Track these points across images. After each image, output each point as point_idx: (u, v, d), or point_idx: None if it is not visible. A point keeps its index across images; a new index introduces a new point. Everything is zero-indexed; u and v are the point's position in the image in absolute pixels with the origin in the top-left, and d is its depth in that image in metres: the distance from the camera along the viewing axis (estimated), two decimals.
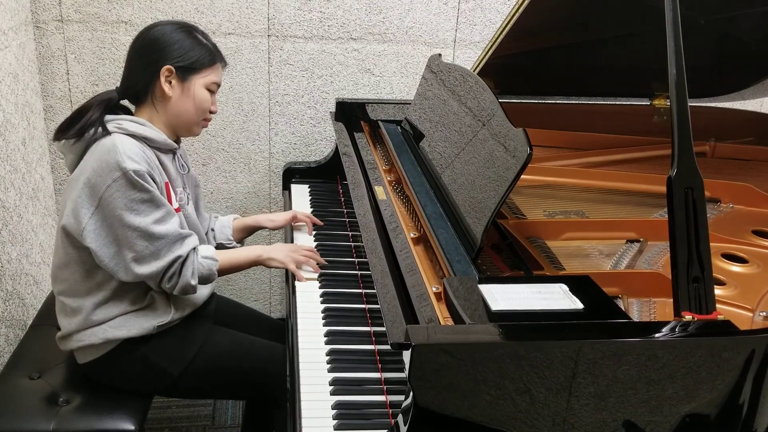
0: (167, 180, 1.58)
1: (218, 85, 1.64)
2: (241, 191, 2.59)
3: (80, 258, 1.54)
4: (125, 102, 1.62)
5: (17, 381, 1.64)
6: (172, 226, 1.51)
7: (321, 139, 2.57)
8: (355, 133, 2.13)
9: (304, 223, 1.98)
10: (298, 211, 2.00)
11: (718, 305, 1.20)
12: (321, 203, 2.15)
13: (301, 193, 2.23)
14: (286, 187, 2.29)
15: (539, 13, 1.77)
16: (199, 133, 1.67)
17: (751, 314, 1.35)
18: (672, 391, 1.09)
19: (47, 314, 1.86)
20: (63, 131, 1.53)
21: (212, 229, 1.88)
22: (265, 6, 2.35)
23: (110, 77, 2.34)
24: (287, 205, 2.17)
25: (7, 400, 1.58)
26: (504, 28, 1.83)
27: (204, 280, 1.59)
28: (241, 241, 1.95)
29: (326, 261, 1.78)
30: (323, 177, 2.31)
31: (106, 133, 1.50)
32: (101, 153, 1.47)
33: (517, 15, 1.77)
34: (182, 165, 1.68)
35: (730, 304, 1.38)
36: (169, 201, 1.56)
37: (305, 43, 2.42)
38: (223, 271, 1.66)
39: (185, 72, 1.56)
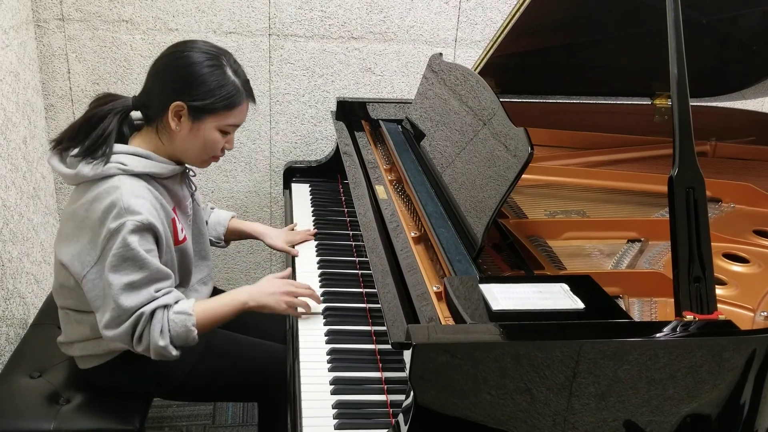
0: (174, 213, 1.51)
1: (237, 126, 1.53)
2: (241, 190, 2.59)
3: (80, 286, 1.49)
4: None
5: (18, 380, 1.64)
6: (141, 296, 1.40)
7: (322, 138, 2.57)
8: (356, 133, 2.13)
9: (306, 241, 1.90)
10: (296, 234, 1.91)
11: (719, 305, 1.20)
12: (322, 202, 2.15)
13: (301, 193, 2.22)
14: (287, 186, 2.29)
15: (540, 12, 1.77)
16: (205, 167, 1.58)
17: (752, 314, 1.35)
18: (673, 390, 1.09)
19: (48, 313, 1.87)
20: (72, 139, 1.45)
21: (206, 222, 1.80)
22: (266, 5, 2.35)
23: (111, 76, 2.34)
24: (288, 204, 2.17)
25: (8, 399, 1.58)
26: (505, 28, 1.83)
27: (180, 339, 1.45)
28: (228, 242, 1.90)
29: (325, 268, 1.78)
30: (324, 176, 2.31)
31: (110, 172, 1.41)
32: (105, 201, 1.39)
33: (518, 14, 1.77)
34: (190, 185, 1.62)
35: (732, 304, 1.37)
36: (175, 234, 1.51)
37: (306, 42, 2.42)
38: (205, 325, 1.49)
39: (198, 112, 1.45)
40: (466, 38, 2.51)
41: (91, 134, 1.44)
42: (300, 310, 1.56)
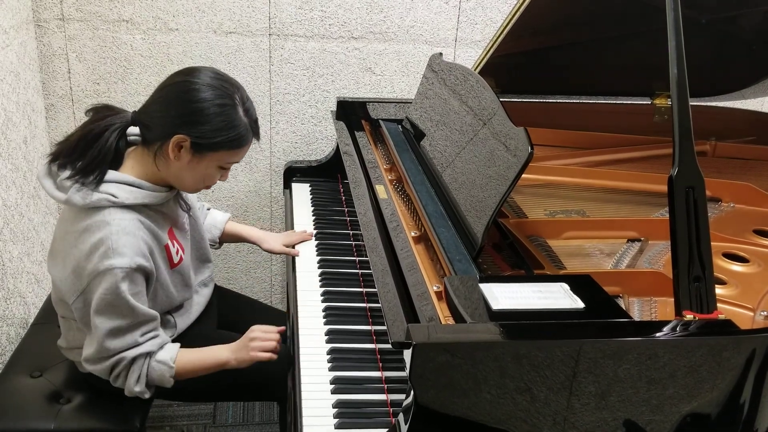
0: (168, 237, 1.50)
1: (237, 162, 1.50)
2: (242, 190, 2.59)
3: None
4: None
5: (18, 379, 1.64)
6: (125, 341, 1.40)
7: (322, 138, 2.57)
8: (356, 132, 2.13)
9: (303, 241, 1.91)
10: (292, 234, 1.92)
11: (719, 304, 1.20)
12: (322, 202, 2.15)
13: (302, 192, 2.23)
14: (287, 186, 2.29)
15: (540, 12, 1.77)
16: (195, 193, 1.57)
17: (752, 313, 1.35)
18: (673, 390, 1.09)
19: (49, 312, 1.86)
20: (68, 156, 1.39)
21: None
22: (267, 5, 2.35)
23: (111, 76, 2.34)
24: (288, 204, 2.18)
25: (8, 398, 1.58)
26: (505, 27, 1.83)
27: (154, 383, 1.47)
28: (222, 244, 1.90)
29: (323, 258, 1.77)
30: (324, 176, 2.31)
31: (99, 204, 1.37)
32: (94, 236, 1.36)
33: (518, 14, 1.77)
34: (184, 203, 1.58)
35: (731, 304, 1.38)
36: (170, 259, 1.50)
37: (306, 42, 2.42)
38: (184, 376, 1.49)
39: (201, 148, 1.40)
40: (466, 38, 2.51)
41: (87, 153, 1.39)
42: (267, 355, 1.49)
